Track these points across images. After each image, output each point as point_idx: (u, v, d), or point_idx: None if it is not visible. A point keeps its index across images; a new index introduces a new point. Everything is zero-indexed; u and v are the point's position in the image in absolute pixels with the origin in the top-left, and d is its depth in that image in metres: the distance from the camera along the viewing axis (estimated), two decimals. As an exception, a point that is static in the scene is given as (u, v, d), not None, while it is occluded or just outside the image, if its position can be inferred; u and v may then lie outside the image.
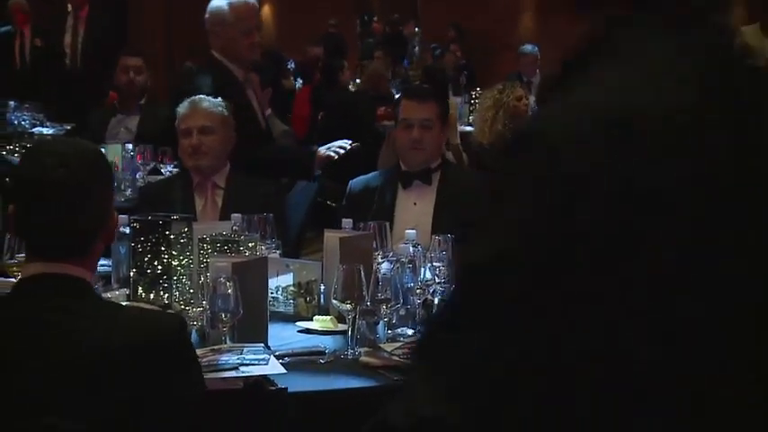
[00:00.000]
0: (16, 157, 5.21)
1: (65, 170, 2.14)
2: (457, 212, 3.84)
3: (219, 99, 4.20)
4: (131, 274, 3.26)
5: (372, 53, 12.29)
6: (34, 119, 8.01)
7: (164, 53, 8.96)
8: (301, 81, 11.48)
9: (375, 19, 19.57)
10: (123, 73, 6.47)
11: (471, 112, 8.38)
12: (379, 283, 3.07)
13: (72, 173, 2.14)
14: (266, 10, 14.75)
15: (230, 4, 4.73)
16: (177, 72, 8.44)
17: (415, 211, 4.12)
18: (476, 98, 8.20)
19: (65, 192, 2.14)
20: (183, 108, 4.18)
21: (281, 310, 3.35)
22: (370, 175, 4.36)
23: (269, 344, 2.89)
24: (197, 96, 4.20)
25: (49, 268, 2.14)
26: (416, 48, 16.29)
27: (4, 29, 9.24)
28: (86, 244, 2.19)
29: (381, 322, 2.92)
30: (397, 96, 10.49)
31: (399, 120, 4.19)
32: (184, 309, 3.02)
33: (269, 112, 6.23)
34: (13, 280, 3.18)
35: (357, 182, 4.27)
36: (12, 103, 6.38)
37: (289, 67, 11.29)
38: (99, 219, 2.21)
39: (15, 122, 6.55)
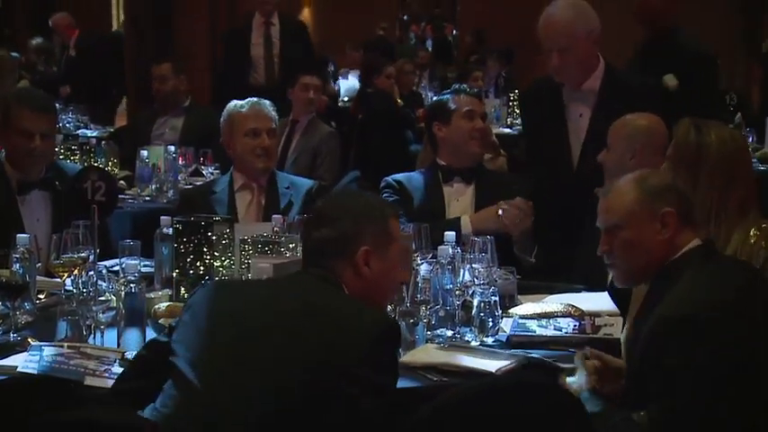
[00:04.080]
0: (62, 159, 5.28)
1: None
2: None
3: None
4: (174, 274, 3.29)
5: (412, 54, 12.25)
6: (79, 121, 8.13)
7: (206, 55, 9.01)
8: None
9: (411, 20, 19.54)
10: (158, 81, 6.51)
11: (509, 114, 8.37)
12: (418, 284, 3.07)
13: None
14: (306, 12, 14.78)
15: None
16: (220, 73, 8.48)
17: (458, 208, 4.13)
18: (513, 100, 8.18)
19: None
20: (243, 108, 4.17)
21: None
22: (408, 173, 4.36)
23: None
24: (254, 98, 4.22)
25: None
26: (454, 51, 16.27)
27: None
28: None
29: (421, 323, 2.92)
30: (434, 96, 10.52)
31: (461, 110, 4.16)
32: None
33: (314, 114, 6.26)
34: (58, 280, 3.22)
35: (398, 177, 4.25)
36: (56, 105, 6.46)
37: (330, 69, 11.30)
38: None
39: (60, 125, 6.62)
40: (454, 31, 17.19)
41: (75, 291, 3.08)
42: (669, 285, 2.46)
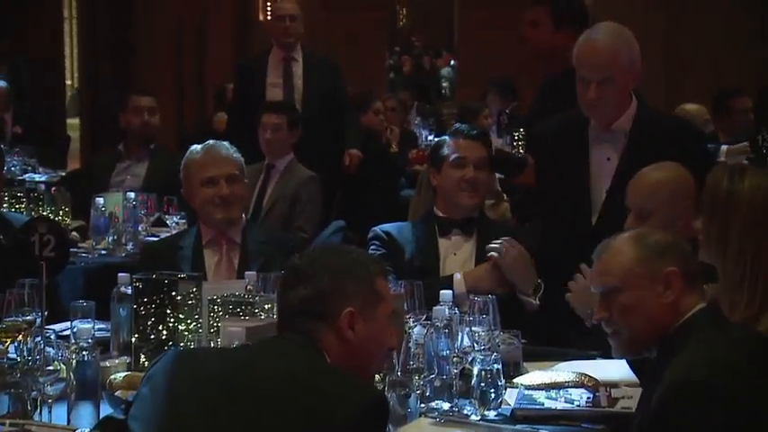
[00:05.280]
0: (5, 209, 5.28)
1: None
2: None
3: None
4: (133, 340, 3.28)
5: (397, 90, 12.35)
6: (26, 164, 8.15)
7: (173, 96, 9.10)
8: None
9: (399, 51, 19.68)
10: (135, 114, 6.54)
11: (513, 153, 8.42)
12: (410, 350, 3.07)
13: None
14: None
15: None
16: (185, 124, 8.46)
17: (455, 264, 4.15)
18: (518, 139, 8.24)
19: None
20: (197, 155, 4.20)
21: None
22: (399, 223, 4.38)
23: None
24: (210, 142, 4.25)
25: None
26: (446, 84, 16.39)
27: None
28: None
29: (413, 395, 2.92)
30: (429, 136, 10.56)
31: (449, 158, 4.21)
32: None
33: (292, 156, 6.29)
34: (0, 347, 3.20)
35: (388, 228, 4.27)
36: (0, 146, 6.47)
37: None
38: None
39: (4, 169, 6.62)
40: (452, 62, 17.31)
41: (19, 359, 3.06)
42: (676, 353, 2.48)
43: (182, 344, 3.23)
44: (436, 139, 5.34)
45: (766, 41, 10.65)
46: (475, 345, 3.15)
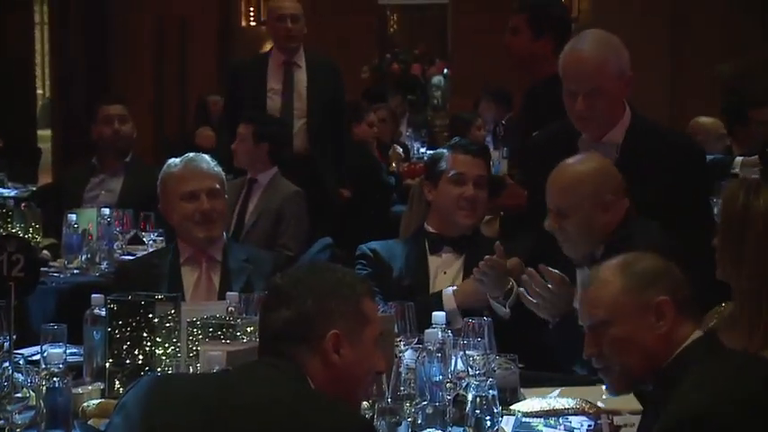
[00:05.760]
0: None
1: None
2: None
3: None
4: (107, 365, 3.27)
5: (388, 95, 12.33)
6: (-6, 180, 8.14)
7: (152, 106, 9.08)
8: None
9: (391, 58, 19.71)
10: (106, 124, 6.52)
11: (511, 166, 8.43)
12: (401, 375, 3.06)
13: None
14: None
15: None
16: (166, 133, 8.42)
17: (445, 283, 4.15)
18: (506, 157, 8.26)
19: None
20: (176, 168, 4.19)
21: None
22: (388, 241, 4.38)
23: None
24: (190, 154, 4.24)
25: None
26: (439, 92, 16.41)
27: None
28: None
29: (404, 423, 2.91)
30: (422, 149, 10.57)
31: (447, 173, 4.23)
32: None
33: (275, 170, 6.27)
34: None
35: (375, 246, 4.27)
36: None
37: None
38: None
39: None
40: (445, 70, 17.35)
41: (-14, 386, 3.06)
42: (674, 386, 2.47)
43: (159, 369, 3.23)
44: (431, 152, 5.34)
45: (766, 42, 10.79)
46: (469, 369, 3.15)
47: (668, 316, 2.56)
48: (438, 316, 3.31)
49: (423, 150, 10.71)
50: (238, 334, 3.17)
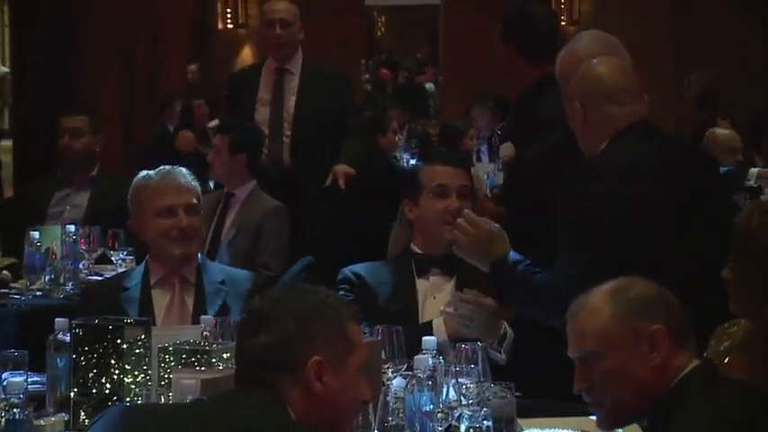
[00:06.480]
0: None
1: None
2: None
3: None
4: (72, 394, 3.27)
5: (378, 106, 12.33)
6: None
7: (121, 114, 9.07)
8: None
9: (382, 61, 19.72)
10: (62, 137, 6.53)
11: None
12: (389, 404, 3.07)
13: None
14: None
15: None
16: (136, 138, 8.38)
17: (435, 309, 4.14)
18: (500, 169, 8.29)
19: None
20: (151, 180, 4.17)
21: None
22: (372, 263, 4.37)
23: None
24: (166, 167, 4.23)
25: None
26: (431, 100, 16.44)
27: None
28: None
29: (393, 456, 2.92)
30: (411, 160, 10.56)
31: (428, 187, 4.22)
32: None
33: (254, 184, 6.26)
34: None
35: (358, 269, 4.26)
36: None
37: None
38: None
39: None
40: (439, 77, 17.39)
41: (-59, 418, 3.06)
42: (672, 420, 2.47)
43: (128, 399, 3.22)
44: (409, 167, 5.31)
45: (766, 42, 10.96)
46: (462, 398, 3.16)
47: (662, 346, 2.56)
48: (429, 341, 3.32)
49: (413, 162, 10.69)
50: (214, 361, 3.17)
